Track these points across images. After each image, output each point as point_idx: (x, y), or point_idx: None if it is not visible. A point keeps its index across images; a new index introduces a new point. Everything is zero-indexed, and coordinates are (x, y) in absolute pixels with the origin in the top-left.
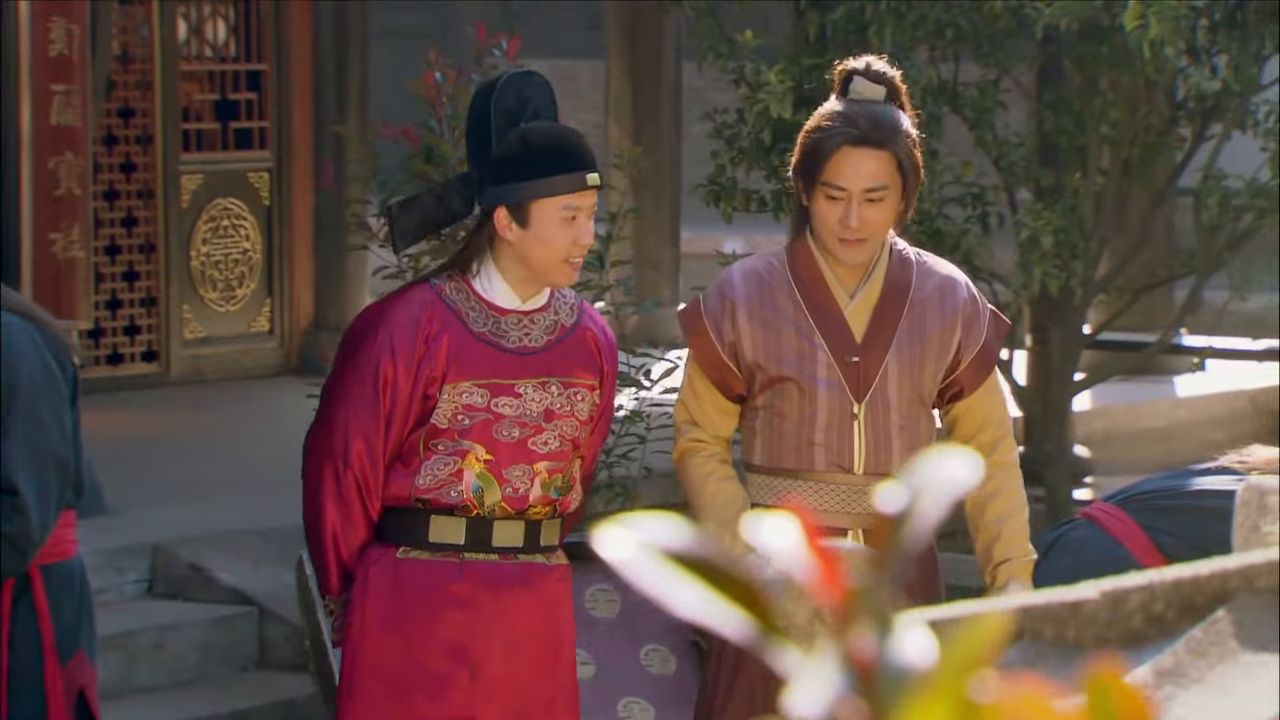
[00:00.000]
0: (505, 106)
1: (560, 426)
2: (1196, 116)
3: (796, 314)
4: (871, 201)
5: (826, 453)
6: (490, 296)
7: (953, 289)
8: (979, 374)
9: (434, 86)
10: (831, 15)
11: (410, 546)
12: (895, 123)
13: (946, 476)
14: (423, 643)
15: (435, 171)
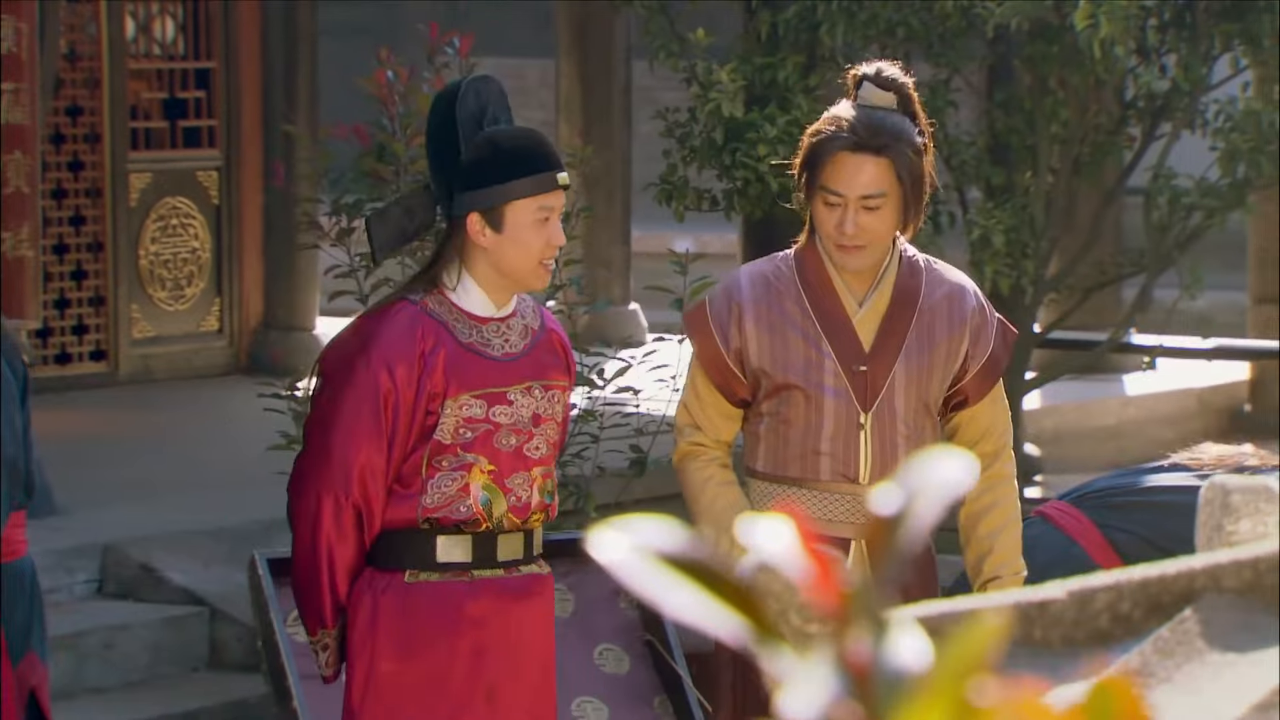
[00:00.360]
0: (469, 112)
1: (546, 430)
2: (1146, 116)
3: (804, 320)
4: (868, 209)
5: (832, 462)
6: (469, 307)
7: (961, 297)
8: (985, 383)
9: (386, 85)
10: (783, 14)
11: (418, 569)
12: (896, 129)
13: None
14: (441, 667)
15: (386, 170)
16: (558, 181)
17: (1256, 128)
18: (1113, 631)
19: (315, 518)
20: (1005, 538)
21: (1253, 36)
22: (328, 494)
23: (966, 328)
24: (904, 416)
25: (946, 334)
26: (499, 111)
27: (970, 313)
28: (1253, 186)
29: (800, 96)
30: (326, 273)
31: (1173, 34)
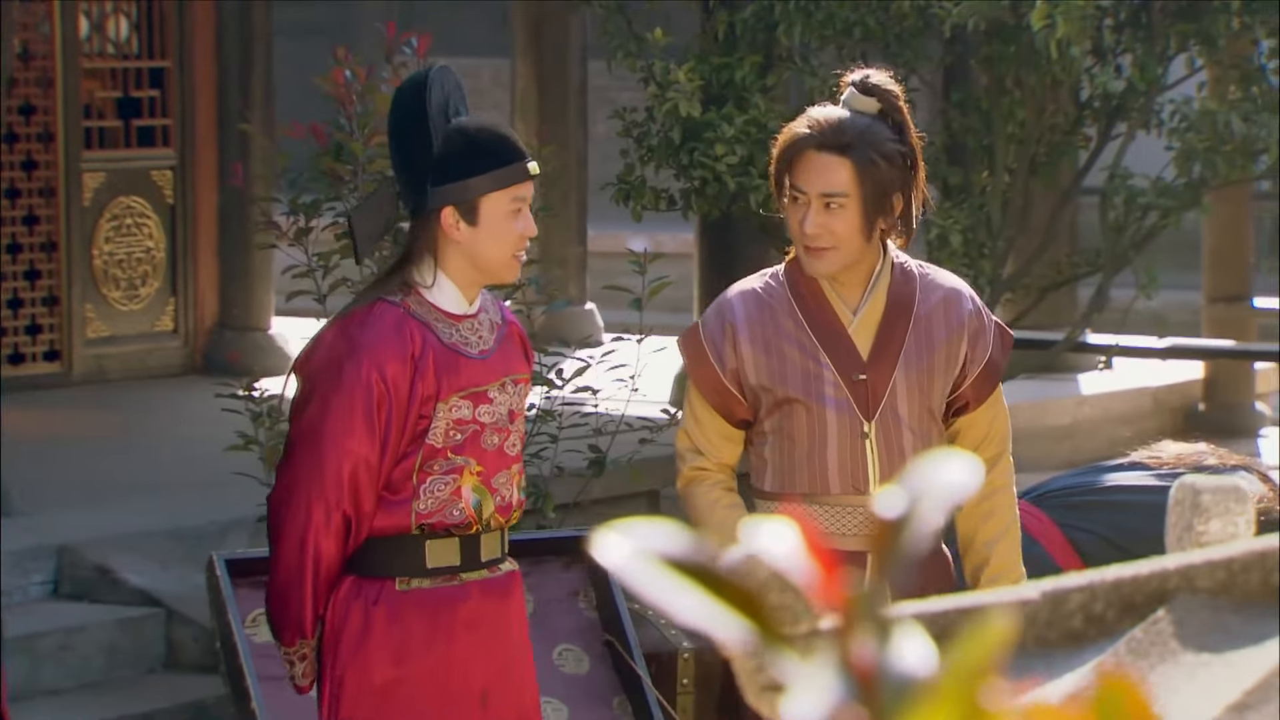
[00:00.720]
0: (437, 104)
1: (518, 425)
2: (1102, 116)
3: (799, 333)
4: (829, 208)
5: (840, 474)
6: (445, 305)
7: (958, 301)
8: (984, 388)
9: (343, 84)
10: (740, 14)
11: (409, 576)
12: (861, 131)
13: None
14: (438, 673)
15: (344, 170)
16: (529, 171)
17: (1212, 128)
18: (1086, 632)
19: (305, 531)
20: (1002, 546)
21: (1208, 37)
22: (319, 506)
23: (964, 331)
24: (909, 423)
25: (944, 337)
26: (459, 103)
27: (967, 316)
28: (1208, 186)
29: (758, 96)
30: (284, 272)
31: (1128, 34)
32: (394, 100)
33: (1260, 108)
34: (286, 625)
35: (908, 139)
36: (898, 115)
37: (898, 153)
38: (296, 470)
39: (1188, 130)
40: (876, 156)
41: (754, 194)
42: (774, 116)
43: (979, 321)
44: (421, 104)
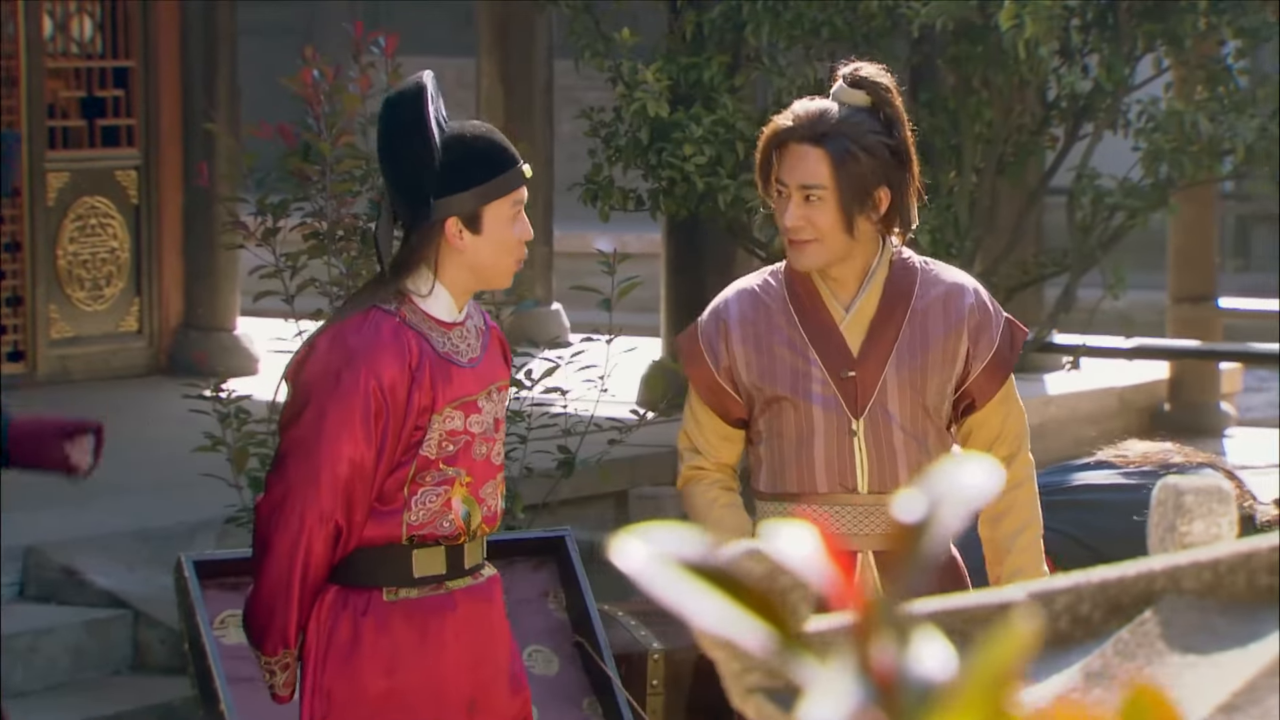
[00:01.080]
0: (436, 111)
1: (501, 433)
2: (1069, 116)
3: (791, 331)
4: (809, 201)
5: (828, 473)
6: (436, 313)
7: (959, 295)
8: (991, 385)
9: (311, 84)
10: (708, 14)
11: (396, 586)
12: (839, 122)
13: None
14: (429, 682)
15: (312, 170)
16: (525, 174)
17: (1179, 128)
18: (1072, 633)
19: (296, 541)
20: (1021, 540)
21: (1175, 37)
22: (312, 516)
23: (964, 326)
24: (900, 422)
25: (942, 334)
26: (441, 109)
27: (968, 311)
28: (1175, 187)
29: (725, 96)
30: (251, 273)
31: (1095, 34)
32: (386, 112)
33: (1227, 108)
34: (270, 635)
35: (898, 132)
36: (888, 109)
37: (881, 145)
38: (290, 479)
39: (1154, 130)
40: (854, 148)
41: (722, 194)
42: (741, 117)
43: (981, 316)
44: (419, 114)
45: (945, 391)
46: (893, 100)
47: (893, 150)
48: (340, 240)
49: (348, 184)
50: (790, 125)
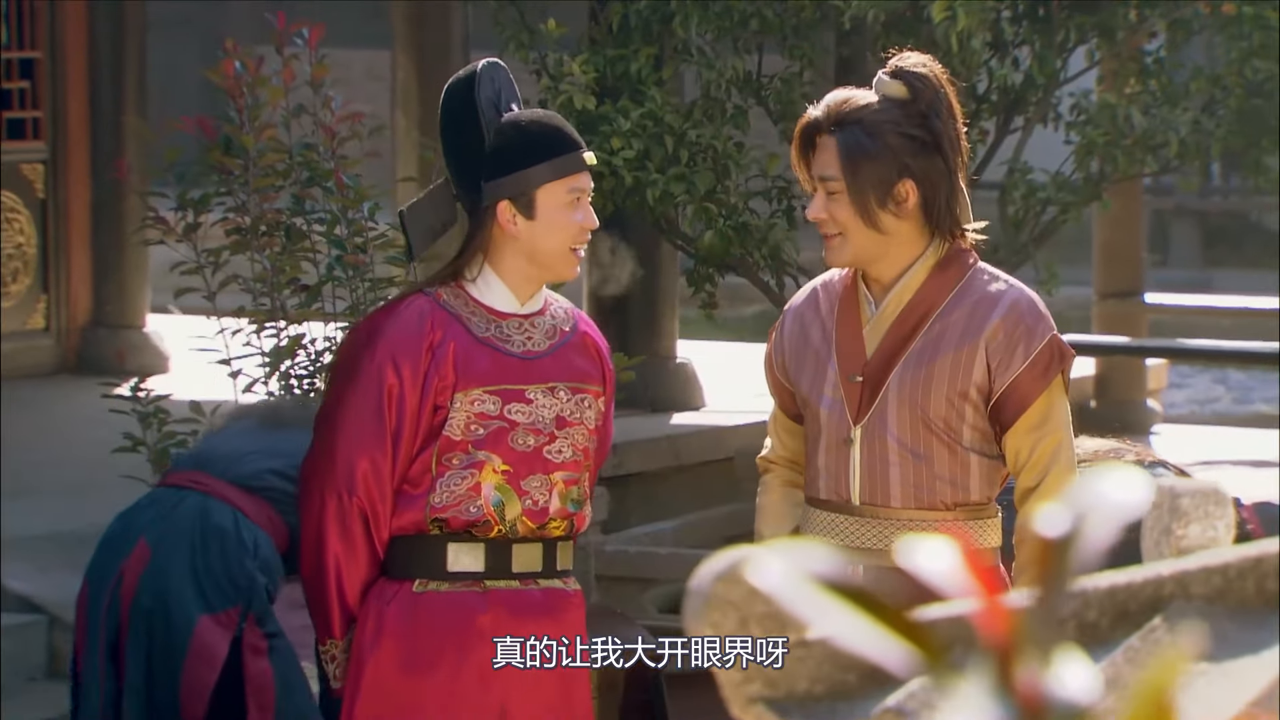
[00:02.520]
0: (487, 97)
1: (572, 435)
2: (999, 110)
3: (825, 328)
4: (830, 194)
5: (825, 479)
6: (489, 301)
7: (988, 309)
8: (1015, 409)
9: (234, 76)
10: (634, 5)
11: (428, 578)
12: (855, 110)
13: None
14: (451, 683)
15: (235, 164)
16: (584, 161)
17: (1112, 121)
18: (1080, 640)
19: (319, 519)
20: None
21: (1107, 29)
22: (331, 495)
23: (981, 341)
24: (897, 435)
25: (956, 346)
26: (510, 97)
27: (992, 326)
28: (1108, 181)
29: (653, 89)
30: (173, 269)
31: (1026, 26)
32: (444, 97)
33: (1159, 101)
34: (316, 622)
35: (934, 124)
36: (925, 101)
37: (901, 136)
38: (313, 461)
39: (1086, 124)
40: (865, 138)
41: (651, 189)
42: (670, 110)
43: (1011, 332)
44: (471, 98)
45: (960, 407)
46: (932, 91)
47: (921, 142)
48: (263, 235)
49: (270, 178)
50: (815, 116)
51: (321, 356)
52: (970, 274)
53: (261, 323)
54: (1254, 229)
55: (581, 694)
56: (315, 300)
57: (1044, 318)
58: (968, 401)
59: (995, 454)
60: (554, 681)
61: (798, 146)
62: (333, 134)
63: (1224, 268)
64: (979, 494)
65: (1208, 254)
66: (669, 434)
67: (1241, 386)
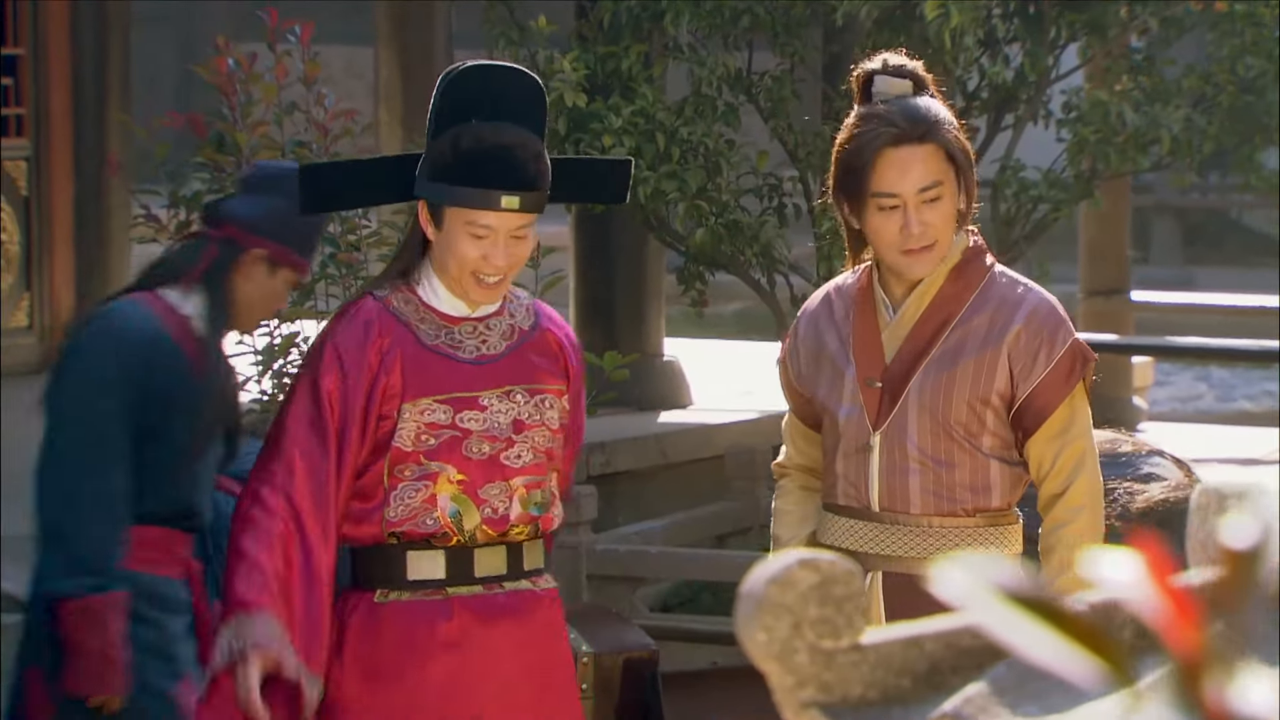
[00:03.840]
0: (454, 99)
1: (532, 438)
2: (990, 107)
3: (841, 333)
4: (928, 202)
5: (844, 485)
6: (437, 305)
7: (1010, 312)
8: (1037, 416)
9: (227, 73)
10: (625, 2)
11: (388, 588)
12: (932, 111)
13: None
14: (414, 694)
15: (227, 161)
16: (498, 204)
17: (1104, 119)
18: (1138, 645)
19: (246, 515)
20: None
21: (1098, 27)
22: (265, 489)
23: (1003, 346)
24: (918, 441)
25: (978, 351)
26: (508, 108)
27: (1015, 331)
28: (1100, 178)
29: (644, 86)
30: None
31: (1018, 23)
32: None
33: (1151, 98)
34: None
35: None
36: (929, 88)
37: (959, 122)
38: (260, 458)
39: (1078, 121)
40: (954, 131)
41: (642, 186)
42: (661, 107)
43: (1034, 337)
44: (446, 90)
45: (981, 413)
46: (929, 81)
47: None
48: None
49: None
50: (884, 129)
51: None
52: (989, 277)
53: None
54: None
55: (567, 697)
56: (308, 298)
57: (1064, 323)
58: (989, 408)
59: (1016, 460)
60: (529, 684)
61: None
62: (326, 131)
63: (1204, 265)
64: (1000, 500)
65: (1188, 251)
66: (657, 432)
67: (1224, 384)
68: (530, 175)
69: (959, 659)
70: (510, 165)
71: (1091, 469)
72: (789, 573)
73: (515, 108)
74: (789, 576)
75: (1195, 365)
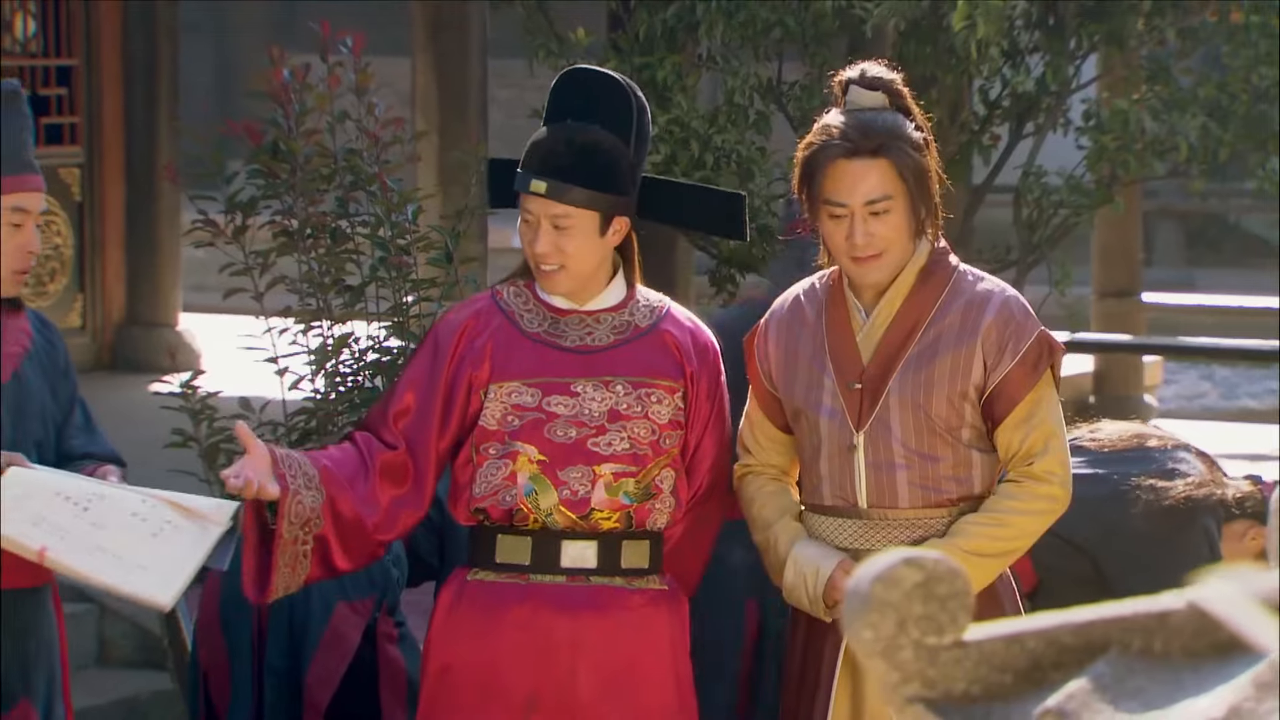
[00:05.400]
0: (554, 101)
1: (630, 428)
2: (1011, 115)
3: (815, 338)
4: (876, 214)
5: (830, 486)
6: (548, 299)
7: (980, 308)
8: (1005, 405)
9: (282, 83)
10: (660, 14)
11: (479, 567)
12: (890, 127)
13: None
14: (480, 665)
15: (282, 168)
16: (529, 186)
17: (1124, 126)
18: (1234, 643)
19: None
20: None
21: (1118, 38)
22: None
23: (978, 340)
24: (902, 439)
25: (953, 347)
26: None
27: (986, 325)
28: (1118, 184)
29: (679, 96)
30: (221, 270)
31: (1040, 34)
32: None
33: (1169, 106)
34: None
35: (919, 125)
36: (902, 101)
37: (921, 139)
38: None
39: (1097, 129)
40: (910, 150)
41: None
42: (695, 116)
43: (1004, 330)
44: (549, 95)
45: (960, 407)
46: (905, 92)
47: (926, 141)
48: (309, 238)
49: (316, 182)
50: (835, 142)
51: (365, 355)
52: (955, 276)
53: (308, 322)
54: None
55: (654, 700)
56: (359, 300)
57: (1031, 316)
58: (967, 401)
59: (992, 448)
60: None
61: (807, 178)
62: (376, 139)
63: (1204, 267)
64: (980, 487)
65: (1189, 254)
66: None
67: (1227, 383)
68: (565, 165)
69: (1060, 656)
70: (552, 154)
71: (1057, 450)
72: (894, 571)
73: (603, 112)
74: (894, 575)
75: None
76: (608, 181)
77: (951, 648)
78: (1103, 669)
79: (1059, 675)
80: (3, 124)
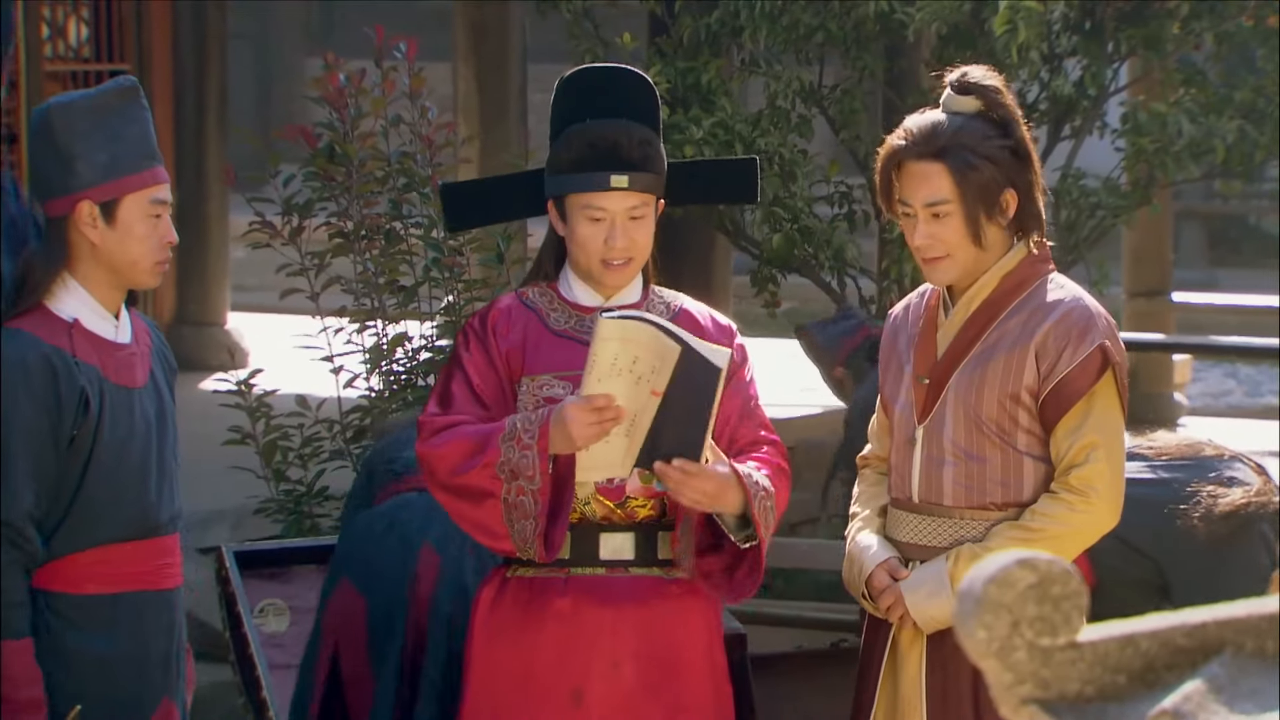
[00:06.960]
0: (569, 102)
1: None
2: (1048, 119)
3: (909, 332)
4: (936, 217)
5: (895, 477)
6: (573, 297)
7: (1043, 314)
8: (1057, 411)
9: (337, 88)
10: (705, 19)
11: (519, 565)
12: (955, 133)
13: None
14: (524, 661)
15: (338, 171)
16: (610, 183)
17: (1161, 129)
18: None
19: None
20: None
21: (1155, 41)
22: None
23: (1031, 345)
24: (952, 436)
25: (1009, 350)
26: (612, 106)
27: (1044, 330)
28: (1156, 186)
29: (724, 99)
30: (278, 271)
31: (1078, 39)
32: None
33: (1205, 109)
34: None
35: (1014, 132)
36: (1000, 110)
37: (999, 148)
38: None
39: (1134, 131)
40: (974, 158)
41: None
42: (740, 119)
43: (1063, 338)
44: (556, 99)
45: (1011, 410)
46: (1004, 100)
47: (1012, 151)
48: (364, 239)
49: (370, 184)
50: (905, 144)
51: (418, 354)
52: (1039, 283)
53: (362, 322)
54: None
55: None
56: (412, 300)
57: (1095, 326)
58: (1020, 405)
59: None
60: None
61: (883, 176)
62: (430, 143)
63: (1226, 267)
64: (1031, 495)
65: (1211, 255)
66: None
67: (1251, 381)
68: (637, 157)
69: (1174, 657)
70: (617, 148)
71: (1099, 462)
72: (1007, 572)
73: (625, 103)
74: (1007, 576)
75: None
76: (661, 167)
77: (1065, 649)
78: (1217, 670)
79: (1172, 676)
80: (133, 118)
